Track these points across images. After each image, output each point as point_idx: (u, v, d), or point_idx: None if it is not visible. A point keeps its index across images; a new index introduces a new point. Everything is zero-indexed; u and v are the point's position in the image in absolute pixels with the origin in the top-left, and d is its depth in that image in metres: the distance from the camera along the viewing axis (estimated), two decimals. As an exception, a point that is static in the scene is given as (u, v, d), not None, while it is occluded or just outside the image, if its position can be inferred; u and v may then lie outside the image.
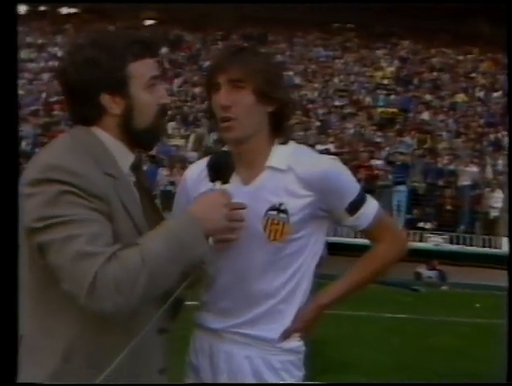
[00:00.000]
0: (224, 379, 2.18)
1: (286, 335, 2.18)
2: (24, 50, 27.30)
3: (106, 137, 1.91)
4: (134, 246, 1.76)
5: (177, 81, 25.61)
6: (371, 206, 2.23)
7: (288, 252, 2.17)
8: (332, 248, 7.90)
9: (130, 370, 1.85)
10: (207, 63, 24.34)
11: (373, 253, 2.29)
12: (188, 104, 23.56)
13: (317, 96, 24.37)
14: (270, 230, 2.14)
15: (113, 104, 1.88)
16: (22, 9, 32.97)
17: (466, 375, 6.38)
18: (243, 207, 2.02)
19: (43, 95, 24.16)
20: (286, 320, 2.19)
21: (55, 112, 21.80)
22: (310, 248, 2.21)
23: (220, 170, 1.97)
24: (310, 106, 23.17)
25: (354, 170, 16.81)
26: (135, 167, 1.98)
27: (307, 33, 29.22)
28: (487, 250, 16.56)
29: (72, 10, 33.12)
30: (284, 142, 2.21)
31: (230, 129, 2.12)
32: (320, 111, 23.10)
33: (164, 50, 27.83)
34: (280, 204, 2.14)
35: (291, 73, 24.45)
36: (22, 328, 1.88)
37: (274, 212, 2.14)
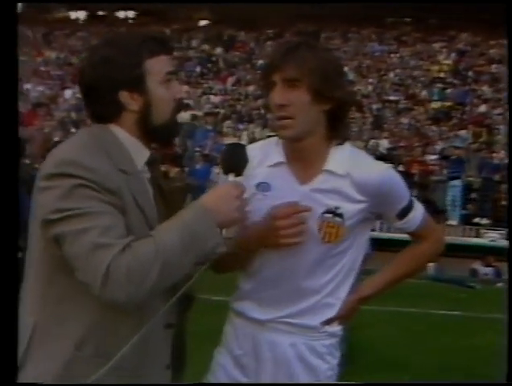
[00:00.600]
0: (269, 368, 2.21)
1: (327, 323, 2.23)
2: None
3: (122, 134, 1.94)
4: (147, 237, 1.79)
5: (231, 80, 25.72)
6: (418, 210, 2.28)
7: (337, 251, 2.20)
8: (379, 244, 7.83)
9: (137, 363, 1.89)
10: (260, 62, 24.37)
11: (414, 249, 2.34)
12: (242, 102, 23.63)
13: (371, 91, 24.10)
14: (324, 232, 2.16)
15: (131, 101, 1.92)
16: (82, 14, 33.67)
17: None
18: (307, 210, 2.08)
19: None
20: (333, 311, 2.23)
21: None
22: (356, 245, 2.24)
23: (233, 163, 1.96)
24: (364, 101, 22.93)
25: (408, 164, 16.56)
26: (151, 164, 2.01)
27: (362, 28, 28.91)
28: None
29: (130, 14, 33.63)
30: (341, 143, 2.21)
31: (286, 128, 2.13)
32: (375, 106, 22.84)
33: (218, 49, 27.99)
34: (336, 208, 2.16)
35: (345, 69, 24.23)
36: (22, 328, 1.89)
37: (330, 215, 2.16)
